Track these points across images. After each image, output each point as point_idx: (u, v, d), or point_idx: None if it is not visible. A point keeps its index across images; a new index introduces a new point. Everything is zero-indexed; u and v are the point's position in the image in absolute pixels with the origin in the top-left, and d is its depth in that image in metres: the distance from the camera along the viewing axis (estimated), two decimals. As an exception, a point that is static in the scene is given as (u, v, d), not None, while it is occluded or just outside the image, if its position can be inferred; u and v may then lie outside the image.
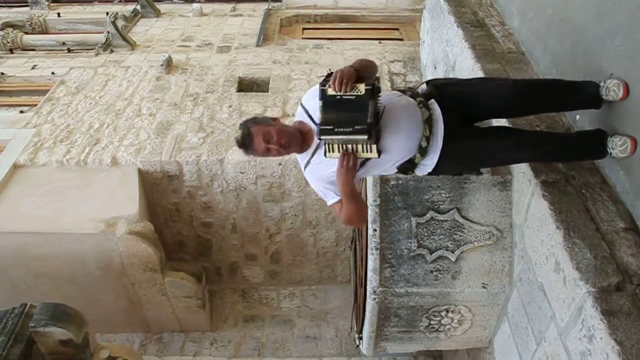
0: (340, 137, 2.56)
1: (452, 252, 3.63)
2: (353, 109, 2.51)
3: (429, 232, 3.62)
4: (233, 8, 9.58)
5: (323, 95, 2.51)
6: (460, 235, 3.63)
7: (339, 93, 2.47)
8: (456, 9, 5.27)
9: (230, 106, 6.38)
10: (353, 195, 2.76)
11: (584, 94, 3.02)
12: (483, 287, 3.71)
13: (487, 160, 3.28)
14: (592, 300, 2.57)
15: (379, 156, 2.64)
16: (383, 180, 3.55)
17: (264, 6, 9.49)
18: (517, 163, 3.44)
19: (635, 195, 2.92)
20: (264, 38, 8.15)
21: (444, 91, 2.90)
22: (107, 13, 8.27)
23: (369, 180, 3.60)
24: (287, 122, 5.89)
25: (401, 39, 8.59)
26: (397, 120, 2.69)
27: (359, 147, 2.59)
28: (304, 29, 9.20)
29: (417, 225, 3.61)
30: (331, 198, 2.86)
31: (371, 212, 3.60)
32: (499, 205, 3.63)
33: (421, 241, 3.62)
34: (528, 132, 3.32)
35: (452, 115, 2.81)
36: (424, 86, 2.97)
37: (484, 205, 3.63)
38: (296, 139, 2.73)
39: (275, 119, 2.82)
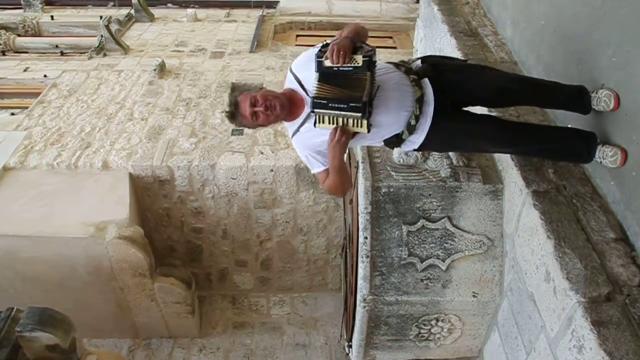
0: (333, 112, 2.55)
1: (443, 260, 3.63)
2: (349, 83, 2.52)
3: (420, 240, 3.62)
4: (227, 14, 9.58)
5: (319, 66, 2.53)
6: (451, 244, 3.63)
7: (336, 65, 2.48)
8: (450, 18, 5.29)
9: (222, 112, 6.36)
10: (341, 168, 2.79)
11: (574, 95, 3.05)
12: (473, 296, 3.71)
13: (472, 147, 3.32)
14: (582, 311, 2.57)
15: (368, 131, 2.63)
16: (374, 188, 3.54)
17: (258, 12, 9.50)
18: (501, 153, 3.50)
19: (626, 206, 2.93)
20: (257, 44, 8.16)
21: (440, 74, 2.88)
22: (101, 17, 8.25)
23: (361, 188, 3.60)
24: (279, 128, 5.93)
25: (395, 47, 8.61)
26: (389, 96, 2.70)
27: (350, 121, 2.58)
28: (297, 35, 9.22)
29: (408, 233, 3.60)
30: (316, 167, 2.88)
31: (362, 220, 3.60)
32: (490, 214, 3.64)
33: (412, 249, 3.62)
34: (519, 124, 3.35)
35: (444, 98, 2.82)
36: (419, 62, 2.95)
37: (475, 214, 3.63)
38: (283, 103, 2.72)
39: (262, 88, 2.83)
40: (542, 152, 3.19)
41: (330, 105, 2.53)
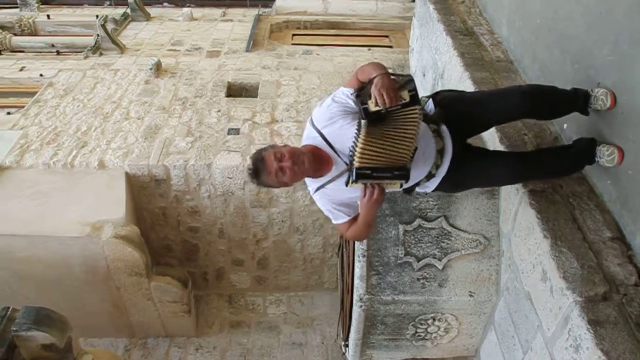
0: (376, 181, 2.42)
1: (439, 260, 3.63)
2: (399, 127, 2.39)
3: (417, 239, 3.62)
4: (223, 13, 9.59)
5: (366, 114, 2.34)
6: (448, 243, 3.63)
7: (383, 108, 2.31)
8: (445, 17, 5.29)
9: (219, 111, 6.36)
10: (373, 221, 2.73)
11: (577, 105, 3.04)
12: (470, 295, 3.71)
13: (485, 184, 3.41)
14: (578, 310, 2.57)
15: (401, 187, 2.58)
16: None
17: (254, 11, 9.52)
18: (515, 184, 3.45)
19: (622, 205, 2.93)
20: (253, 43, 8.15)
21: (452, 114, 2.83)
22: (97, 16, 8.26)
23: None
24: (275, 127, 5.94)
25: (390, 47, 8.61)
26: (418, 151, 2.60)
27: (386, 180, 2.47)
28: (293, 34, 9.21)
29: (404, 232, 3.60)
30: (341, 219, 2.79)
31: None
32: (487, 213, 3.64)
33: (408, 249, 3.62)
34: (527, 158, 3.26)
35: (458, 139, 2.80)
36: (432, 106, 2.88)
37: (471, 213, 3.63)
38: (310, 160, 2.55)
39: (285, 145, 2.65)
40: (551, 177, 3.25)
41: (374, 174, 2.41)
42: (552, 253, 2.84)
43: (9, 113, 6.64)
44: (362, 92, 2.40)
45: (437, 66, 5.17)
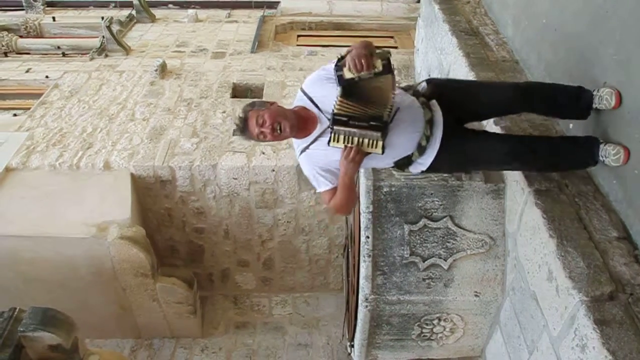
0: (352, 129, 2.53)
1: (445, 260, 3.62)
2: (372, 95, 2.52)
3: (422, 239, 3.61)
4: (228, 14, 9.58)
5: (340, 80, 2.49)
6: (453, 243, 3.62)
7: (356, 75, 2.45)
8: (451, 18, 5.28)
9: (224, 112, 6.37)
10: (351, 186, 2.78)
11: (580, 105, 3.05)
12: (475, 295, 3.70)
13: (479, 165, 3.36)
14: (584, 310, 2.56)
15: (382, 152, 2.63)
16: (376, 187, 3.54)
17: (259, 13, 9.50)
18: (509, 170, 3.47)
19: (629, 204, 2.93)
20: (258, 44, 8.15)
21: (444, 93, 2.93)
22: (102, 18, 8.27)
23: (362, 188, 3.60)
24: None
25: (396, 47, 8.60)
26: (402, 118, 2.71)
27: (365, 140, 2.57)
28: (298, 35, 9.21)
29: (409, 232, 3.60)
30: (323, 186, 2.87)
31: (364, 219, 3.59)
32: (492, 213, 3.63)
33: (414, 249, 3.62)
34: (524, 139, 3.32)
35: (450, 117, 2.86)
36: (424, 84, 2.98)
37: (477, 213, 3.62)
38: (293, 125, 2.70)
39: (272, 103, 2.80)
40: (548, 167, 3.22)
41: (350, 122, 2.52)
42: (558, 253, 2.83)
43: (15, 115, 6.68)
44: (340, 62, 2.52)
45: (443, 66, 5.16)
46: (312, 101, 2.76)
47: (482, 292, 3.70)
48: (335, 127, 2.54)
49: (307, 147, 2.82)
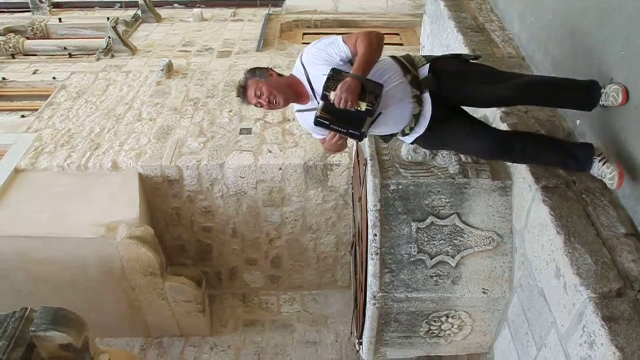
0: (335, 129, 2.69)
1: (453, 257, 3.63)
2: (350, 120, 2.65)
3: (430, 237, 3.62)
4: (234, 13, 9.61)
5: (325, 98, 2.62)
6: (461, 241, 3.62)
7: (338, 106, 2.57)
8: (456, 14, 5.27)
9: (230, 111, 6.39)
10: (334, 146, 2.91)
11: (584, 96, 3.05)
12: (483, 292, 3.70)
13: (459, 152, 3.55)
14: (593, 307, 2.56)
15: (361, 141, 2.86)
16: (383, 185, 3.54)
17: (264, 11, 9.52)
18: (495, 160, 3.59)
19: (637, 201, 2.92)
20: (264, 43, 8.17)
21: (442, 86, 2.94)
22: (108, 18, 8.30)
23: (370, 186, 3.60)
24: (287, 127, 5.95)
25: (401, 44, 8.61)
26: (389, 114, 2.86)
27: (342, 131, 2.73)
28: (304, 34, 9.23)
29: (417, 230, 3.60)
30: (319, 136, 3.07)
31: (371, 218, 3.60)
32: (500, 210, 3.63)
33: (421, 246, 3.62)
34: (511, 139, 3.27)
35: (441, 109, 2.96)
36: (427, 70, 2.97)
37: (484, 210, 3.62)
38: (287, 96, 2.89)
39: (272, 74, 2.93)
40: (539, 163, 3.29)
41: (331, 126, 2.67)
42: (566, 249, 2.83)
43: (23, 116, 6.71)
44: (335, 75, 2.63)
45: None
46: (307, 78, 2.87)
47: (490, 289, 3.70)
48: (317, 125, 2.70)
49: (302, 110, 3.04)
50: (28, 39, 8.90)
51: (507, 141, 3.19)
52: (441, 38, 5.55)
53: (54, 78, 7.41)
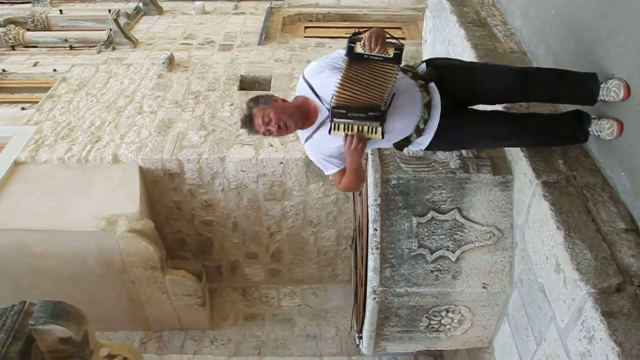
0: (351, 121, 2.59)
1: (453, 252, 3.62)
2: (374, 78, 2.57)
3: (430, 232, 3.61)
4: (235, 6, 9.58)
5: (350, 51, 2.58)
6: (461, 235, 3.62)
7: (367, 52, 2.55)
8: (458, 9, 5.25)
9: (231, 104, 6.38)
10: (359, 169, 2.88)
11: (584, 91, 3.05)
12: (483, 287, 3.70)
13: (478, 145, 3.46)
14: (592, 301, 2.56)
15: (382, 137, 2.68)
16: (384, 180, 3.54)
17: (266, 4, 9.49)
18: (508, 147, 3.58)
19: (636, 196, 2.92)
20: (266, 36, 8.15)
21: (444, 76, 2.94)
22: (110, 10, 8.30)
23: (370, 180, 3.60)
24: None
25: (403, 38, 8.55)
26: (401, 103, 2.75)
27: (365, 128, 2.62)
28: (306, 27, 9.20)
29: (417, 225, 3.60)
30: (331, 169, 2.97)
31: (372, 212, 3.60)
32: (500, 205, 3.62)
33: (422, 241, 3.62)
34: (521, 117, 3.41)
35: (448, 100, 2.91)
36: (424, 66, 3.01)
37: (484, 205, 3.62)
38: (296, 119, 2.79)
39: (275, 99, 2.86)
40: (540, 142, 3.32)
41: (349, 114, 2.57)
42: (566, 244, 2.83)
43: (23, 108, 6.69)
44: (356, 36, 2.62)
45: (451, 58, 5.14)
46: (312, 90, 2.81)
47: (490, 284, 3.70)
48: (334, 119, 2.60)
49: (310, 136, 2.90)
50: (28, 30, 8.86)
51: (520, 118, 3.33)
52: (443, 32, 5.54)
53: (55, 70, 7.40)
